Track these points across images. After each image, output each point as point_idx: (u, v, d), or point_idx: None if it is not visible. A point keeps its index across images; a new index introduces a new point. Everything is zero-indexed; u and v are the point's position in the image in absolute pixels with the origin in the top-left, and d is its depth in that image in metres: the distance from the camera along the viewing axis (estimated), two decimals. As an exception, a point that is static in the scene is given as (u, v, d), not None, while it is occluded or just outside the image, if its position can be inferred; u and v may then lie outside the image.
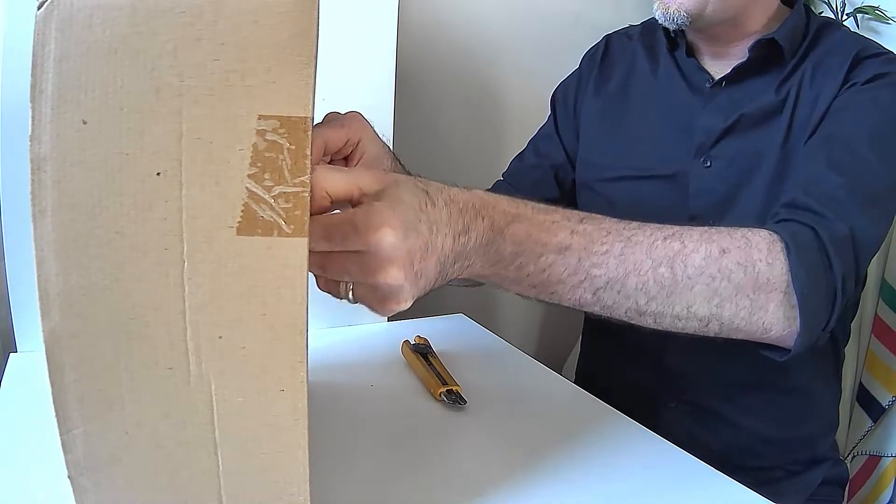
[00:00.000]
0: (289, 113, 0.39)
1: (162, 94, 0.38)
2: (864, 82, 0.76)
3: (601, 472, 0.62)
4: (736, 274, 0.59)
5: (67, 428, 0.41)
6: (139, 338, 0.40)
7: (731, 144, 0.83)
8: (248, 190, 0.39)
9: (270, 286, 0.40)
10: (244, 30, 0.38)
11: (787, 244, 0.61)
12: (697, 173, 0.85)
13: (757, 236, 0.62)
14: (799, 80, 0.80)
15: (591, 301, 0.58)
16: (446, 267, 0.50)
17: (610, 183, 0.94)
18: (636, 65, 0.95)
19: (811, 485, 0.89)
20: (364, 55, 0.93)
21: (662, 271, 0.58)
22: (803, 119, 0.79)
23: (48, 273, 0.39)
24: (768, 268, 0.60)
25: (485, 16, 1.23)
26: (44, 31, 0.37)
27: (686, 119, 0.87)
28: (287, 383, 0.42)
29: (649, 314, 0.60)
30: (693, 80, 0.89)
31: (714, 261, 0.59)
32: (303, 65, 0.38)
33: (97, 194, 0.38)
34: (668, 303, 0.59)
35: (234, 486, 0.44)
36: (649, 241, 0.59)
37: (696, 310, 0.60)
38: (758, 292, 0.60)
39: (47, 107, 0.37)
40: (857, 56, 0.78)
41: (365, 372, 0.82)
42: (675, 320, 0.60)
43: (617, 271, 0.57)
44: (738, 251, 0.60)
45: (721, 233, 0.62)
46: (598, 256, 0.57)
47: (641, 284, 0.58)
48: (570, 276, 0.56)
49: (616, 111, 0.95)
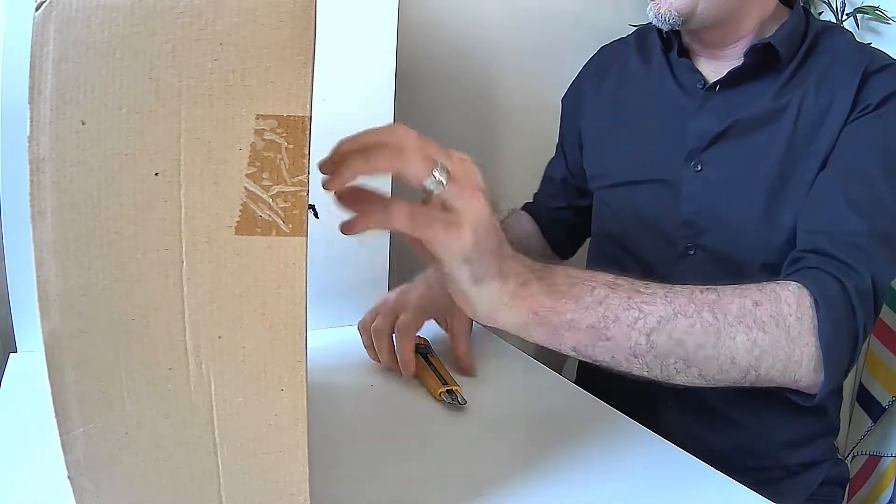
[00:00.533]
0: (287, 112, 0.39)
1: (161, 95, 0.38)
2: (878, 104, 0.76)
3: (601, 472, 0.62)
4: (769, 326, 0.61)
5: (67, 428, 0.41)
6: (139, 338, 0.40)
7: (723, 150, 0.83)
8: (247, 189, 0.39)
9: (270, 286, 0.40)
10: (243, 30, 0.38)
11: (816, 299, 0.63)
12: (689, 178, 0.85)
13: (786, 290, 0.63)
14: (802, 91, 0.80)
15: (645, 348, 0.57)
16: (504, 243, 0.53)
17: (609, 190, 0.95)
18: (629, 68, 0.96)
19: (811, 484, 0.89)
20: (364, 55, 0.93)
21: (706, 316, 0.59)
22: (807, 131, 0.79)
23: (48, 274, 0.39)
24: (798, 322, 0.62)
25: (485, 16, 1.23)
26: (42, 32, 0.37)
27: (678, 122, 0.87)
28: (287, 383, 0.42)
29: (696, 364, 0.59)
30: (684, 82, 0.89)
31: (749, 312, 0.60)
32: (301, 64, 0.39)
33: (96, 195, 0.38)
34: (714, 351, 0.59)
35: (234, 485, 0.44)
36: (688, 290, 0.60)
37: (738, 360, 0.60)
38: (791, 346, 0.62)
39: (46, 108, 0.38)
40: (867, 71, 0.77)
41: (365, 372, 0.82)
42: (719, 372, 0.61)
43: (666, 310, 0.57)
44: (770, 304, 0.62)
45: (751, 288, 0.63)
46: (646, 296, 0.58)
47: (690, 327, 0.58)
48: (625, 312, 0.56)
49: (610, 117, 0.96)
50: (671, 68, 0.90)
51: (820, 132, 0.78)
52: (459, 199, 0.49)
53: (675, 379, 0.60)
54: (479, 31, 1.23)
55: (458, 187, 0.48)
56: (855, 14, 1.23)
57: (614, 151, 0.95)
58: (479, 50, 1.24)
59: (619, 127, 0.95)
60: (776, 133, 0.80)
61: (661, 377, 0.60)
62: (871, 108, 0.76)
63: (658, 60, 0.92)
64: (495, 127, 1.29)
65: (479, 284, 0.52)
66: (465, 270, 0.51)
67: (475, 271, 0.51)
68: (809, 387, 0.65)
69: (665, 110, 0.89)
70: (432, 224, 0.48)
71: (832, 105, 0.78)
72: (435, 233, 0.48)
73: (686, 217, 0.85)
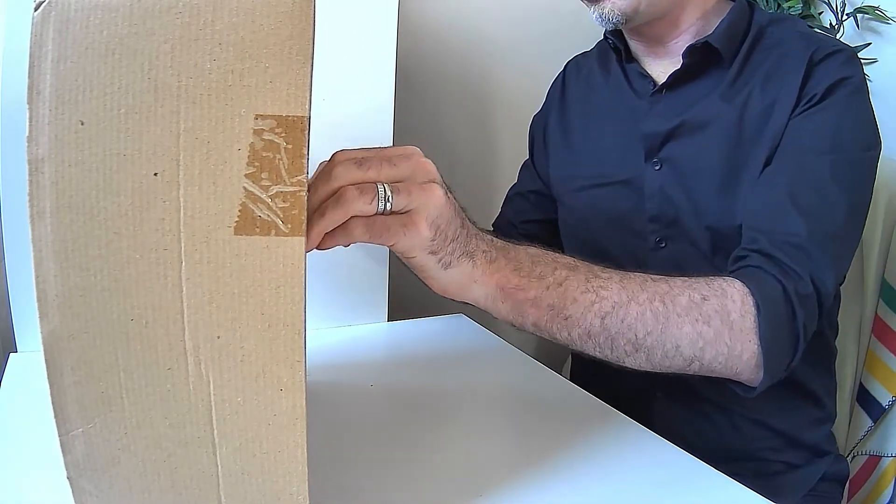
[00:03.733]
0: (286, 112, 0.39)
1: (160, 95, 0.38)
2: (823, 94, 0.75)
3: (601, 471, 0.62)
4: (714, 321, 0.64)
5: (67, 429, 0.41)
6: (138, 338, 0.40)
7: (676, 148, 0.84)
8: (246, 190, 0.39)
9: (269, 286, 0.40)
10: (242, 30, 0.38)
11: (758, 303, 0.65)
12: (651, 176, 0.87)
13: (732, 288, 0.66)
14: (749, 89, 0.80)
15: (598, 329, 0.61)
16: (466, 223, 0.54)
17: (574, 193, 0.97)
18: (591, 80, 0.98)
19: (811, 480, 0.89)
20: (364, 55, 0.93)
21: (657, 305, 0.62)
22: (753, 128, 0.79)
23: (47, 274, 0.39)
24: (741, 319, 0.65)
25: (485, 16, 1.23)
26: (41, 33, 0.37)
27: (634, 125, 0.89)
28: (286, 383, 0.42)
29: (644, 349, 0.63)
30: (637, 87, 0.91)
31: (696, 305, 0.64)
32: (300, 64, 0.39)
33: (95, 195, 0.38)
34: (661, 338, 0.63)
35: (233, 485, 0.44)
36: (641, 279, 0.64)
37: (682, 349, 0.64)
38: (734, 341, 0.65)
39: (45, 108, 0.38)
40: (812, 59, 0.77)
41: (365, 372, 0.82)
42: (664, 358, 0.64)
43: (620, 296, 0.61)
44: (716, 300, 0.65)
45: (699, 282, 0.66)
46: (603, 280, 0.61)
47: (641, 314, 0.61)
48: (583, 295, 0.60)
49: (576, 126, 0.99)
50: (626, 75, 0.92)
51: (766, 128, 0.78)
52: (411, 200, 0.50)
53: (624, 361, 0.64)
54: (479, 31, 1.23)
55: (405, 190, 0.49)
56: (855, 14, 1.23)
57: (578, 157, 0.97)
58: (479, 50, 1.24)
59: (582, 134, 0.97)
60: (722, 132, 0.81)
61: (611, 357, 0.63)
62: (817, 98, 0.76)
63: (615, 69, 0.94)
64: (495, 127, 1.29)
65: (448, 268, 0.54)
66: (431, 260, 0.53)
67: (442, 258, 0.53)
68: (751, 380, 0.68)
69: (622, 115, 0.91)
70: (389, 228, 0.50)
71: (777, 99, 0.78)
72: (393, 236, 0.50)
73: (652, 213, 0.87)
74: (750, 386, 0.69)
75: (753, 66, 0.81)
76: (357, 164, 0.49)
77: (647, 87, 0.89)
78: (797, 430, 0.88)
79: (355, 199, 0.48)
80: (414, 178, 0.50)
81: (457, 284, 0.56)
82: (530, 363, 0.88)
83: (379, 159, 0.50)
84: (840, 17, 1.23)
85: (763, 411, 0.87)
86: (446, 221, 0.52)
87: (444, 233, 0.52)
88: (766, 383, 0.67)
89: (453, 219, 0.52)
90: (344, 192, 0.48)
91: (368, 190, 0.48)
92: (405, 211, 0.50)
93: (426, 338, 0.87)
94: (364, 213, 0.48)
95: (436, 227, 0.51)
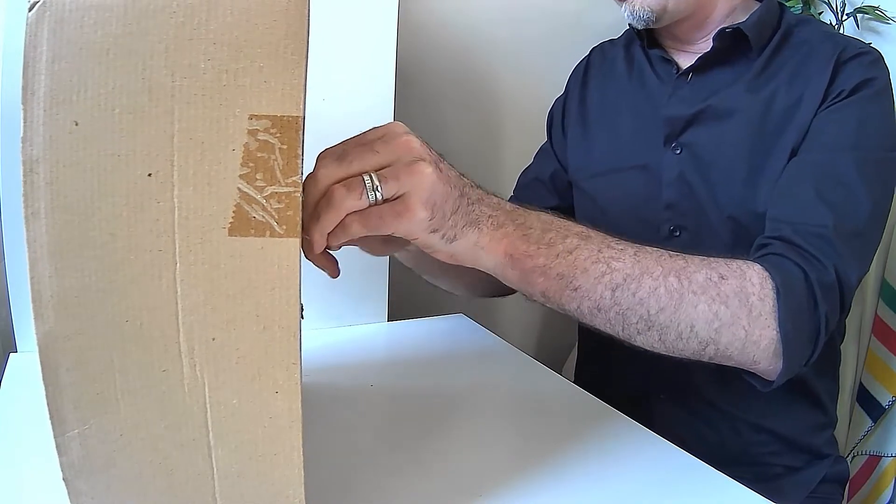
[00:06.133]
0: (281, 112, 0.38)
1: (154, 95, 0.38)
2: (850, 92, 0.75)
3: (601, 472, 0.62)
4: (732, 301, 0.61)
5: (62, 430, 0.41)
6: (134, 340, 0.40)
7: (698, 133, 0.84)
8: (240, 190, 0.39)
9: (264, 287, 0.40)
10: (236, 29, 0.38)
11: (778, 288, 0.63)
12: (669, 161, 0.86)
13: (751, 270, 0.64)
14: (776, 84, 0.80)
15: (609, 303, 0.58)
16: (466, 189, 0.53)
17: (592, 179, 0.96)
18: (614, 67, 0.98)
19: (811, 482, 0.89)
20: (364, 55, 0.93)
21: (672, 280, 0.60)
22: (778, 122, 0.79)
23: (42, 275, 0.39)
24: (760, 302, 0.62)
25: (485, 16, 1.23)
26: (36, 33, 0.37)
27: (655, 109, 0.88)
28: (282, 385, 0.41)
29: (657, 327, 0.60)
30: (660, 70, 0.91)
31: (714, 284, 0.61)
32: (295, 64, 0.38)
33: (90, 196, 0.38)
34: (675, 317, 0.60)
35: (229, 487, 0.43)
36: (657, 253, 0.61)
37: (697, 330, 0.61)
38: (752, 325, 0.62)
39: (39, 108, 0.37)
40: (839, 59, 0.77)
41: (365, 372, 0.82)
42: (678, 339, 0.61)
43: (633, 269, 0.58)
44: (735, 280, 0.62)
45: (718, 261, 0.63)
46: (616, 251, 0.59)
47: (654, 289, 0.59)
48: (593, 265, 0.57)
49: (594, 113, 0.98)
50: (649, 60, 0.92)
51: (791, 122, 0.78)
52: (400, 185, 0.48)
53: (636, 340, 0.61)
54: (479, 30, 1.23)
55: (392, 175, 0.48)
56: (855, 14, 1.22)
57: (596, 143, 0.96)
58: (480, 50, 1.23)
59: (600, 120, 0.97)
60: (747, 122, 0.80)
61: (622, 335, 0.61)
62: (845, 94, 0.76)
63: (638, 54, 0.94)
64: (495, 126, 1.29)
65: (453, 241, 0.52)
66: (434, 238, 0.51)
67: (445, 234, 0.52)
68: (768, 371, 0.65)
69: (642, 99, 0.91)
70: (383, 217, 0.48)
71: (804, 95, 0.78)
72: (389, 223, 0.49)
73: (668, 200, 0.87)
74: (767, 380, 0.67)
75: (781, 62, 0.82)
76: (338, 159, 0.48)
77: (670, 72, 0.89)
78: (799, 434, 0.88)
79: (344, 197, 0.47)
80: (400, 160, 0.49)
81: (464, 255, 0.54)
82: (530, 363, 0.88)
83: (360, 149, 0.48)
84: (840, 17, 1.23)
85: (765, 415, 0.86)
86: (442, 197, 0.50)
87: (441, 209, 0.50)
88: (785, 375, 0.64)
89: (450, 192, 0.51)
90: (332, 193, 0.47)
91: (356, 185, 0.47)
92: (397, 196, 0.49)
93: (426, 338, 0.87)
94: (356, 208, 0.47)
95: (431, 205, 0.49)
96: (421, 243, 0.52)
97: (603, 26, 1.14)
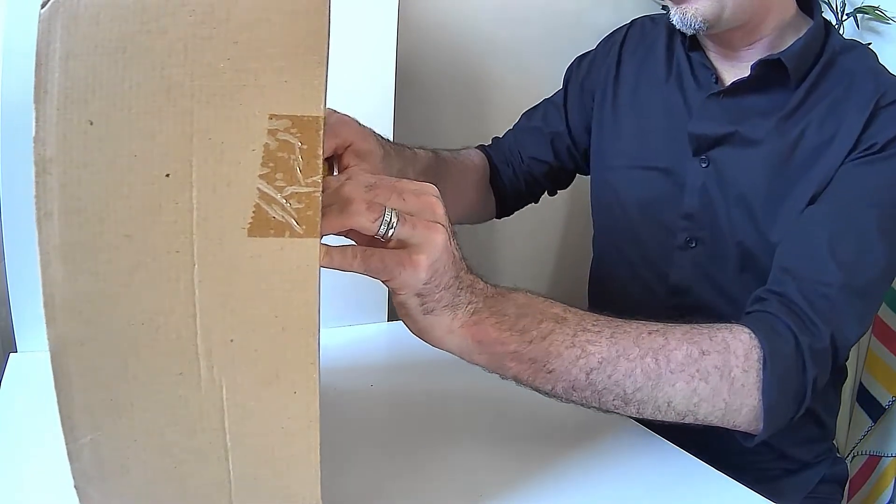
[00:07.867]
0: (301, 112, 0.38)
1: (172, 94, 0.37)
2: (882, 147, 0.73)
3: (602, 472, 0.62)
4: (713, 377, 0.61)
5: (74, 437, 0.40)
6: (148, 343, 0.39)
7: (725, 152, 0.83)
8: (260, 191, 0.38)
9: (283, 288, 0.39)
10: (256, 28, 0.37)
11: (765, 357, 0.63)
12: (695, 171, 0.85)
13: (736, 341, 0.63)
14: (809, 119, 0.78)
15: (584, 384, 0.58)
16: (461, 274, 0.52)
17: (612, 170, 0.95)
18: (654, 52, 0.94)
19: (810, 482, 0.89)
20: (364, 55, 0.92)
21: (648, 361, 0.59)
22: (805, 159, 0.77)
23: (54, 278, 0.38)
24: (743, 374, 0.62)
25: (485, 16, 1.22)
26: (49, 30, 0.36)
27: (685, 118, 0.86)
28: (300, 386, 0.41)
29: (634, 403, 0.60)
30: (700, 76, 0.88)
31: (694, 361, 0.60)
32: (316, 64, 0.38)
33: (105, 197, 0.37)
34: (652, 395, 0.60)
35: (245, 491, 0.43)
36: (636, 332, 0.60)
37: (675, 405, 0.61)
38: (733, 397, 0.62)
39: (52, 107, 0.37)
40: (878, 104, 0.75)
41: (365, 372, 0.82)
42: (655, 412, 0.61)
43: (609, 352, 0.58)
44: (717, 355, 0.62)
45: (702, 334, 0.63)
46: (592, 334, 0.58)
47: (630, 371, 0.59)
48: (568, 350, 0.56)
49: (629, 96, 0.95)
50: (690, 62, 0.89)
51: (817, 164, 0.76)
52: (414, 235, 0.48)
53: (613, 411, 0.61)
54: (479, 30, 1.22)
55: (411, 224, 0.48)
56: (855, 14, 1.23)
57: (625, 132, 0.94)
58: (480, 50, 1.23)
59: (634, 109, 0.94)
60: (773, 155, 0.79)
61: (599, 409, 0.61)
62: (877, 148, 0.74)
63: (679, 51, 0.91)
64: (495, 126, 1.29)
65: (428, 314, 0.52)
66: (415, 301, 0.51)
67: (426, 303, 0.51)
68: (749, 431, 0.65)
69: (675, 103, 0.89)
70: (385, 262, 0.48)
71: (835, 136, 0.76)
72: (389, 269, 0.48)
73: (688, 210, 0.85)
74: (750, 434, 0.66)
75: (818, 96, 0.79)
76: (367, 186, 0.48)
77: (708, 79, 0.86)
78: (794, 447, 0.88)
79: (360, 211, 0.46)
80: (422, 214, 0.49)
81: (432, 333, 0.53)
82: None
83: (390, 189, 0.48)
84: (840, 17, 1.23)
85: None
86: (444, 267, 0.50)
87: (438, 278, 0.50)
88: (765, 436, 0.65)
89: (450, 267, 0.51)
90: (351, 202, 0.46)
91: (375, 209, 0.46)
92: (404, 245, 0.48)
93: (427, 339, 0.86)
94: (364, 229, 0.47)
95: (433, 270, 0.49)
96: (400, 300, 0.51)
97: (602, 26, 1.13)
